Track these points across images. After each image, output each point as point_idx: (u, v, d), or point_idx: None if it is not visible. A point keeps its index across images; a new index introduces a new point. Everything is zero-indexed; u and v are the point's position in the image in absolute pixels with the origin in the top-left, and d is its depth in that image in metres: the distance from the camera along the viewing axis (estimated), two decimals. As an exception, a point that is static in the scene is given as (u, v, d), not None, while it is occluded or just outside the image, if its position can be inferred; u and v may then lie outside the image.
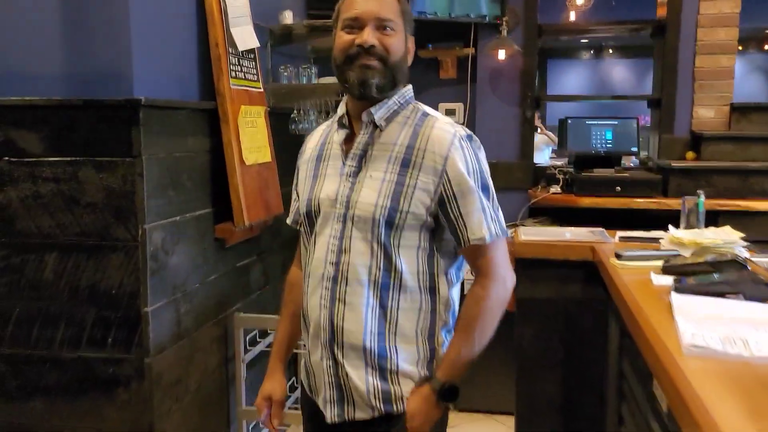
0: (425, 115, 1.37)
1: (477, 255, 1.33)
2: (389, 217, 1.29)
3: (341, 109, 1.41)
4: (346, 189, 1.33)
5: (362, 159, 1.34)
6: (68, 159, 1.92)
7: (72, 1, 1.93)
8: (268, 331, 2.58)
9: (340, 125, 1.40)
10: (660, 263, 1.73)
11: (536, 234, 2.40)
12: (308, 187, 1.41)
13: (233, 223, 2.35)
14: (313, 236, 1.39)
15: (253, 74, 2.53)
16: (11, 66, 1.97)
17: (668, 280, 1.57)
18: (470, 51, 3.56)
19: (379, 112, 1.34)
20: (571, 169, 3.40)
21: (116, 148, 1.89)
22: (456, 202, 1.29)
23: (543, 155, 5.45)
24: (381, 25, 1.31)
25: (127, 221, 1.91)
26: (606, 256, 1.91)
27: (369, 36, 1.29)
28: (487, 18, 3.46)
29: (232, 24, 2.37)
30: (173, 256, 2.07)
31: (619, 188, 3.17)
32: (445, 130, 1.32)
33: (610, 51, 10.69)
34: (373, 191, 1.30)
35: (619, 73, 11.00)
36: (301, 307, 1.44)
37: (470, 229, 1.30)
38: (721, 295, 1.42)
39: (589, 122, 3.48)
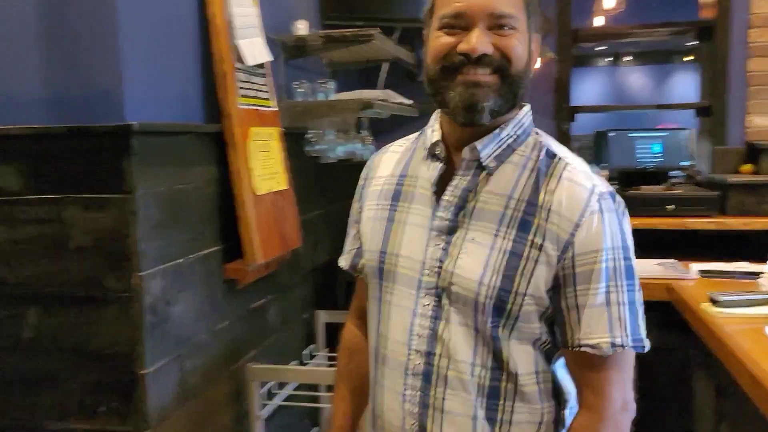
0: (551, 155, 1.00)
1: (586, 366, 0.97)
2: (499, 300, 0.93)
3: (434, 132, 1.03)
4: (438, 251, 0.98)
5: (460, 211, 0.98)
6: (52, 197, 1.64)
7: (52, 16, 1.65)
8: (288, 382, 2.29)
9: (432, 156, 1.03)
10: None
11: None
12: (379, 233, 1.06)
13: (245, 261, 2.05)
14: (384, 304, 1.05)
15: (265, 91, 2.25)
16: (-16, 90, 1.69)
17: (792, 336, 1.26)
18: (499, 60, 3.28)
19: (487, 148, 0.98)
20: (615, 187, 3.10)
21: (106, 182, 1.61)
22: (574, 287, 0.94)
23: None
24: (496, 24, 0.94)
25: (119, 269, 1.62)
26: (693, 300, 1.59)
27: (478, 40, 0.93)
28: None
29: (240, 36, 2.09)
30: (176, 305, 1.77)
31: (671, 207, 2.86)
32: (579, 183, 0.96)
33: (630, 58, 10.37)
34: (477, 263, 0.95)
35: (638, 79, 10.69)
36: (365, 381, 1.11)
37: (584, 329, 0.93)
38: None
39: (632, 135, 3.18)
